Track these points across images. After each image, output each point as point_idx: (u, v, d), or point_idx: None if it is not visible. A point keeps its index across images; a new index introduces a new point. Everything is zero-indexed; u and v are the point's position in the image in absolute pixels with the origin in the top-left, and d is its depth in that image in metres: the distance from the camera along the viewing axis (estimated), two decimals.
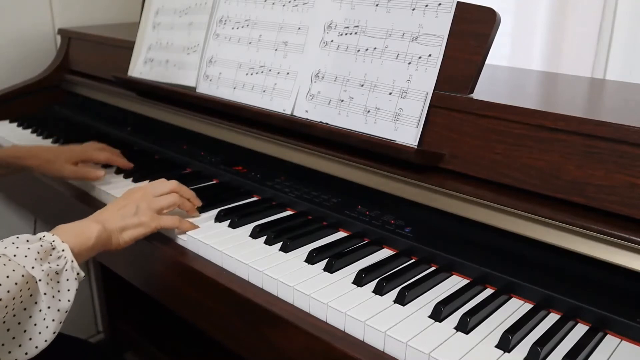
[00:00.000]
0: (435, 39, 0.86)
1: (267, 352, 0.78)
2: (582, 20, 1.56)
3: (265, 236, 0.89)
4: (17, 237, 0.72)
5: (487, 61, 0.84)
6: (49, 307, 0.70)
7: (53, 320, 0.70)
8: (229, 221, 0.94)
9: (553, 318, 0.71)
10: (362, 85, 0.93)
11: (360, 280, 0.77)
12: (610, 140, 0.70)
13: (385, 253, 0.86)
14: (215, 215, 0.96)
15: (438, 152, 0.85)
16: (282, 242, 0.87)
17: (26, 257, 0.69)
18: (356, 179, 0.94)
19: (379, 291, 0.75)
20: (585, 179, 0.72)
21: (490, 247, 0.81)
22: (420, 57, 0.87)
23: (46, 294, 0.69)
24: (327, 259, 0.82)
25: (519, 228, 0.76)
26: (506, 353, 0.65)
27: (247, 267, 0.82)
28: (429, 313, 0.71)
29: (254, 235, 0.90)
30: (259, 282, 0.80)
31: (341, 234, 0.92)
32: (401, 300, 0.73)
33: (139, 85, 1.33)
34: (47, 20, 1.72)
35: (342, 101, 0.95)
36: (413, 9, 0.89)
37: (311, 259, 0.82)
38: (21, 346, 0.69)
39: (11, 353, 0.68)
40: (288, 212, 1.00)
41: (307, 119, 1.00)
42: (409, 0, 0.89)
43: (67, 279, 0.73)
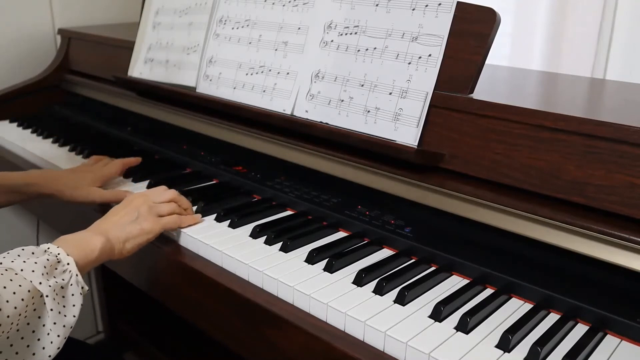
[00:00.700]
0: (435, 39, 0.86)
1: (267, 352, 0.78)
2: (582, 20, 1.56)
3: (265, 236, 0.89)
4: (23, 249, 0.71)
5: (487, 61, 0.84)
6: (55, 323, 0.70)
7: (58, 336, 0.70)
8: (229, 221, 0.94)
9: (553, 318, 0.71)
10: (362, 85, 0.93)
11: (360, 280, 0.77)
12: (610, 140, 0.70)
13: (385, 253, 0.86)
14: (215, 215, 0.96)
15: (438, 152, 0.85)
16: (282, 242, 0.87)
17: (33, 272, 0.68)
18: (356, 179, 0.94)
19: (379, 291, 0.75)
20: (585, 179, 0.72)
21: (490, 247, 0.81)
22: (420, 57, 0.87)
23: (52, 310, 0.69)
24: (327, 259, 0.82)
25: (519, 228, 0.76)
26: (506, 353, 0.65)
27: (247, 267, 0.82)
28: (429, 313, 0.71)
29: (254, 235, 0.90)
30: (259, 282, 0.80)
31: (341, 234, 0.92)
32: (401, 300, 0.73)
33: (139, 85, 1.33)
34: (47, 20, 1.72)
35: (342, 101, 0.95)
36: (413, 9, 0.89)
37: (311, 259, 0.82)
38: None
39: None
40: (288, 212, 1.00)
41: (307, 119, 1.00)
42: (409, 0, 0.89)
43: (72, 294, 0.73)
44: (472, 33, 0.83)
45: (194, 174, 1.17)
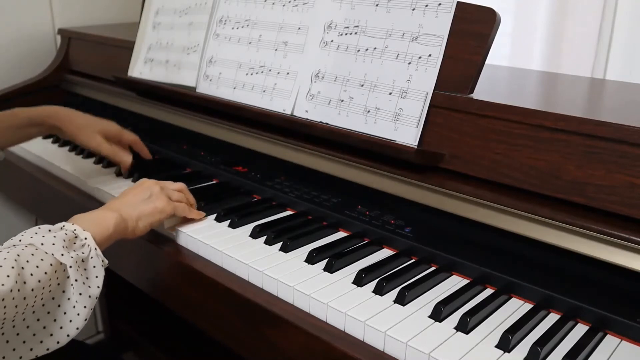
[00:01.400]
0: (435, 39, 0.86)
1: (267, 352, 0.78)
2: (582, 20, 1.56)
3: (265, 236, 0.89)
4: (39, 228, 0.72)
5: (487, 61, 0.84)
6: (80, 294, 0.70)
7: (85, 307, 0.71)
8: (229, 221, 0.94)
9: (553, 318, 0.71)
10: (362, 85, 0.93)
11: (360, 280, 0.77)
12: (610, 140, 0.70)
13: (385, 253, 0.86)
14: (215, 215, 0.96)
15: (438, 152, 0.85)
16: (282, 242, 0.87)
17: (54, 245, 0.69)
18: (356, 179, 0.94)
19: (379, 291, 0.75)
20: (585, 179, 0.72)
21: (490, 247, 0.81)
22: (420, 57, 0.87)
23: (77, 281, 0.70)
24: (327, 259, 0.82)
25: (519, 228, 0.76)
26: (506, 353, 0.65)
27: (247, 267, 0.82)
28: (429, 313, 0.71)
29: (254, 235, 0.90)
30: (259, 282, 0.80)
31: (341, 234, 0.92)
32: (401, 300, 0.73)
33: (139, 85, 1.33)
34: (47, 20, 1.72)
35: (342, 101, 0.95)
36: (413, 9, 0.89)
37: (311, 259, 0.82)
38: (52, 335, 0.69)
39: (43, 342, 0.68)
40: (288, 212, 1.00)
41: (307, 119, 1.00)
42: (409, 0, 0.89)
43: (94, 266, 0.74)
44: (472, 33, 0.83)
45: (194, 174, 1.17)
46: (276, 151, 1.07)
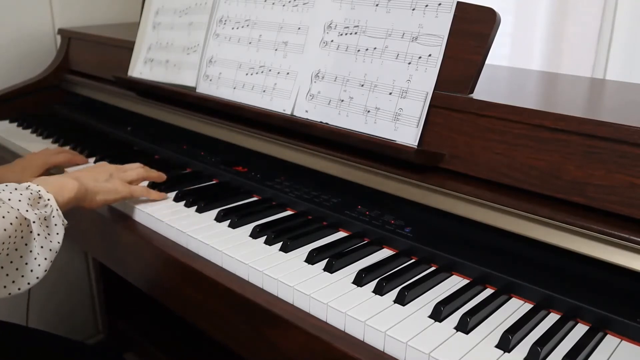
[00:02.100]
0: (435, 39, 0.86)
1: (267, 352, 0.78)
2: (582, 20, 1.56)
3: (265, 236, 0.89)
4: (6, 185, 0.78)
5: (487, 61, 0.84)
6: (42, 247, 0.78)
7: (45, 259, 0.78)
8: (229, 221, 0.94)
9: (553, 318, 0.71)
10: (362, 85, 0.93)
11: (360, 280, 0.77)
12: (610, 140, 0.70)
13: (385, 253, 0.86)
14: (215, 215, 0.96)
15: (438, 152, 0.85)
16: (282, 242, 0.87)
17: (20, 202, 0.76)
18: (356, 179, 0.94)
19: (379, 291, 0.75)
20: (585, 179, 0.72)
21: (490, 247, 0.81)
22: (420, 57, 0.87)
23: (39, 235, 0.77)
24: (327, 259, 0.82)
25: (519, 228, 0.76)
26: (506, 353, 0.65)
27: (247, 267, 0.82)
28: (429, 313, 0.71)
29: (254, 235, 0.90)
30: (259, 282, 0.80)
31: (341, 234, 0.92)
32: (401, 300, 0.73)
33: (139, 85, 1.33)
34: (47, 20, 1.72)
35: (342, 101, 0.95)
36: (413, 9, 0.89)
37: (311, 259, 0.82)
38: (15, 282, 0.76)
39: (6, 287, 0.75)
40: (288, 212, 1.00)
41: (307, 119, 1.00)
42: (409, 0, 0.89)
43: (56, 224, 0.81)
44: (472, 33, 0.83)
45: (194, 174, 1.17)
46: (276, 151, 1.07)
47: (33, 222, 0.76)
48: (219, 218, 0.95)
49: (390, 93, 0.90)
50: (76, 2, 1.76)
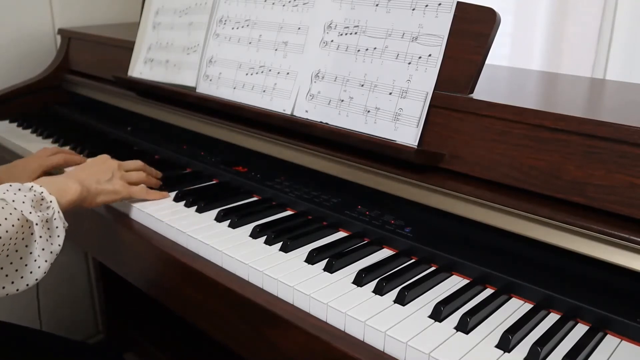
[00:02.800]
0: (435, 39, 0.86)
1: (267, 352, 0.78)
2: (582, 20, 1.56)
3: (265, 236, 0.89)
4: (10, 185, 0.79)
5: (487, 61, 0.84)
6: (43, 249, 0.78)
7: (45, 261, 0.79)
8: (229, 221, 0.94)
9: (553, 318, 0.71)
10: (362, 85, 0.93)
11: (360, 280, 0.77)
12: (610, 140, 0.70)
13: (385, 253, 0.86)
14: (215, 215, 0.96)
15: (438, 152, 0.85)
16: (282, 242, 0.87)
17: (23, 204, 0.76)
18: (356, 179, 0.94)
19: (379, 291, 0.75)
20: (585, 179, 0.72)
21: (490, 247, 0.81)
22: (420, 57, 0.87)
23: (41, 237, 0.78)
24: (327, 259, 0.82)
25: (519, 228, 0.76)
26: (506, 353, 0.65)
27: (247, 267, 0.82)
28: (429, 313, 0.71)
29: (254, 235, 0.90)
30: (259, 282, 0.80)
31: (341, 234, 0.92)
32: (401, 300, 0.73)
33: (139, 85, 1.33)
34: (47, 20, 1.72)
35: (342, 101, 0.95)
36: (413, 9, 0.89)
37: (311, 259, 0.82)
38: (14, 283, 0.77)
39: (5, 288, 0.76)
40: (288, 212, 1.00)
41: (307, 119, 1.00)
42: (409, 0, 0.89)
43: (57, 227, 0.81)
44: (472, 33, 0.83)
45: (194, 174, 1.17)
46: (276, 151, 1.07)
47: (36, 225, 0.77)
48: (219, 218, 0.95)
49: (390, 93, 0.90)
50: (76, 2, 1.76)
